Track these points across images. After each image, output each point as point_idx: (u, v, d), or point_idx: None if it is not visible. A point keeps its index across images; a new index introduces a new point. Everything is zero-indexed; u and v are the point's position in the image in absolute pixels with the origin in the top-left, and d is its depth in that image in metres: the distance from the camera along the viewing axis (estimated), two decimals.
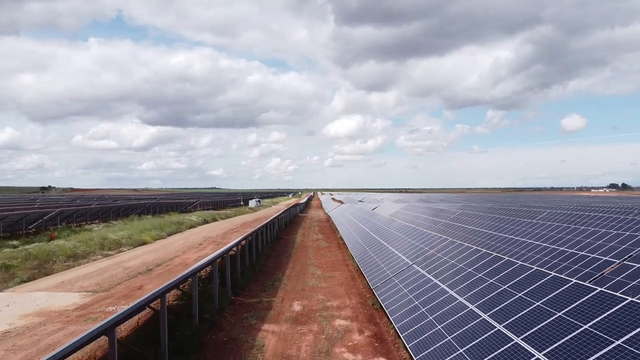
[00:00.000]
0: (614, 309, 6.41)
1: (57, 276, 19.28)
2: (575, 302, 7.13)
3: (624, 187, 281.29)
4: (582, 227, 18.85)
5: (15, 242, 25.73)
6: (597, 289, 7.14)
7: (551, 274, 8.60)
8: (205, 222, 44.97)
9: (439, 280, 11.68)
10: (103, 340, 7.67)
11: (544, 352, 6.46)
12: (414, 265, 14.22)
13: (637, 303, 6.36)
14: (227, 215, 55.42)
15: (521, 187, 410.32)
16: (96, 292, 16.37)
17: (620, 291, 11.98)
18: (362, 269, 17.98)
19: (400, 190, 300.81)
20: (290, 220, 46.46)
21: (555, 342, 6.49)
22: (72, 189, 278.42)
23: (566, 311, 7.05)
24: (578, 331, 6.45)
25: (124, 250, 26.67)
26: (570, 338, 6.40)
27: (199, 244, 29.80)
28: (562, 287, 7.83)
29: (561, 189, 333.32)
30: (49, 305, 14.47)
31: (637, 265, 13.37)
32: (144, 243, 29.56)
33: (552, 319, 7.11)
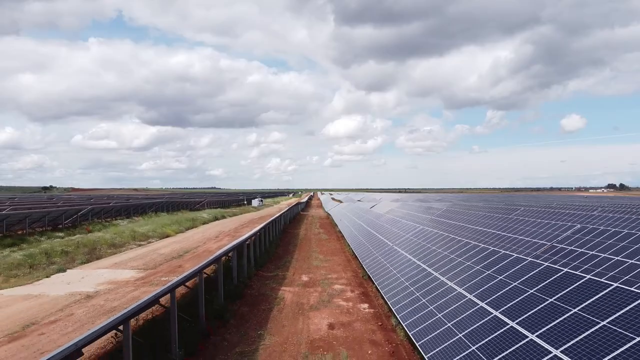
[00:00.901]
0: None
1: (108, 259, 23.93)
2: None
3: (622, 187, 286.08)
4: (537, 220, 23.50)
5: (61, 234, 30.33)
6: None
7: (501, 252, 13.22)
8: (216, 219, 49.60)
9: (409, 254, 16.29)
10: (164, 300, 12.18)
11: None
12: (395, 247, 18.83)
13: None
14: (234, 213, 60.12)
15: (521, 187, 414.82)
16: (146, 269, 21.01)
17: (550, 261, 16.56)
18: (356, 253, 22.62)
19: (400, 190, 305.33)
20: (293, 217, 51.06)
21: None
22: (73, 189, 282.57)
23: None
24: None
25: (152, 242, 31.30)
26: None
27: (215, 236, 34.42)
28: (504, 260, 12.45)
29: (560, 189, 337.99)
30: (115, 277, 19.09)
31: (560, 246, 18.04)
32: (167, 236, 34.20)
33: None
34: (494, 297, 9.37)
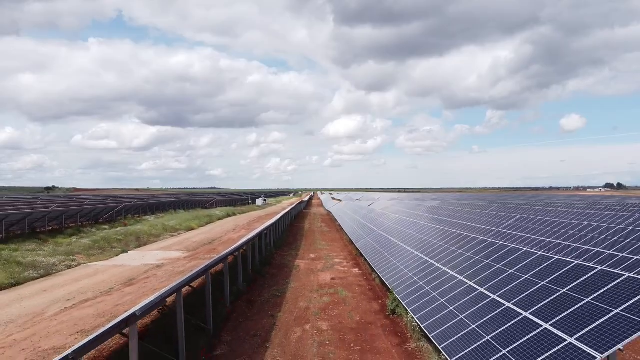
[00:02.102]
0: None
1: (153, 245, 30.34)
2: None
3: (619, 186, 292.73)
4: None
5: (106, 227, 36.74)
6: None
7: (457, 232, 19.65)
8: (228, 215, 56.05)
9: (393, 238, 22.69)
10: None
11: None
12: (381, 232, 25.24)
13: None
14: (242, 211, 66.60)
15: (520, 187, 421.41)
16: (188, 251, 27.43)
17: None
18: (351, 238, 29.05)
19: (400, 190, 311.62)
20: (298, 214, 57.49)
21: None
22: (75, 189, 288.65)
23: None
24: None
25: (182, 233, 37.72)
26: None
27: (232, 229, 40.85)
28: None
29: (559, 188, 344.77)
30: (168, 256, 25.50)
31: (506, 232, 24.49)
32: (192, 229, 40.63)
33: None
34: (430, 252, 15.80)
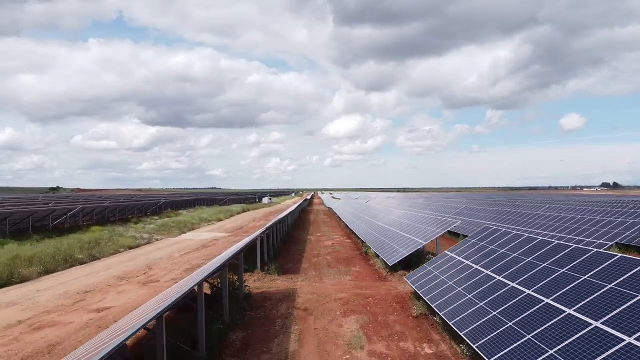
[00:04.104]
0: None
1: (200, 229, 41.64)
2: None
3: (615, 185, 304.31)
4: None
5: (155, 217, 48.06)
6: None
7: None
8: (244, 210, 67.40)
9: (374, 220, 33.94)
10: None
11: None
12: (367, 218, 36.52)
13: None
14: (254, 207, 77.98)
15: (519, 187, 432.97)
16: (228, 232, 38.75)
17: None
18: (346, 223, 40.38)
19: (399, 190, 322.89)
20: (302, 210, 68.80)
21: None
22: (78, 189, 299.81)
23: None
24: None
25: (214, 222, 49.03)
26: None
27: (252, 220, 52.17)
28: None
29: (556, 188, 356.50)
30: (216, 235, 36.79)
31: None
32: (220, 219, 51.96)
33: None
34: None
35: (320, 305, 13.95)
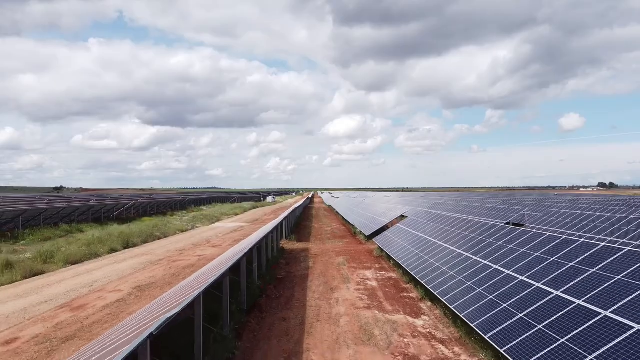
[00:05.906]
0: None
1: (224, 221, 52.48)
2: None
3: (611, 185, 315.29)
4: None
5: (184, 211, 58.90)
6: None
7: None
8: (254, 207, 78.25)
9: (364, 212, 44.71)
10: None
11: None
12: (360, 211, 47.33)
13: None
14: (262, 205, 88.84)
15: (518, 187, 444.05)
16: (248, 223, 49.61)
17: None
18: (344, 216, 51.22)
19: (398, 190, 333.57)
20: (305, 207, 79.63)
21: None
22: (82, 189, 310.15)
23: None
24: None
25: (232, 216, 59.86)
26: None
27: (264, 214, 63.05)
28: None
29: (554, 188, 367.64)
30: (239, 225, 47.65)
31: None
32: (236, 214, 62.83)
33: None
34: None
35: (323, 252, 24.86)
